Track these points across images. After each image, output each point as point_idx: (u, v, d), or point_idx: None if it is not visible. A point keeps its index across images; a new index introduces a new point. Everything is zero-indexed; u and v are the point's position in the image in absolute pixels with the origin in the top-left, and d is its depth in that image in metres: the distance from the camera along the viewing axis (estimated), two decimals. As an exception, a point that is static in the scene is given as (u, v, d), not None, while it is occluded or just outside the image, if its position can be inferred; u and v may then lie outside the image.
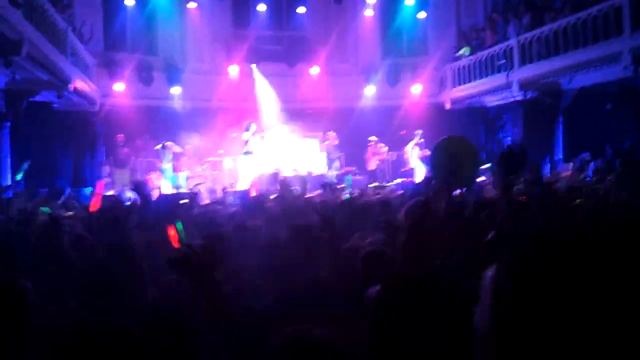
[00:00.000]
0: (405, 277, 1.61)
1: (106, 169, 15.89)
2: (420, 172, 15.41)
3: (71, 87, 12.25)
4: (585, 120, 14.62)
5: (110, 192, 14.20)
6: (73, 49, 12.80)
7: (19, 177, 11.53)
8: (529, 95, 14.91)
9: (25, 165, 11.61)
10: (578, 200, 4.87)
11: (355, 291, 2.61)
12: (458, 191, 3.56)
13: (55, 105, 13.97)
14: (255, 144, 15.16)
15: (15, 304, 2.34)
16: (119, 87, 15.89)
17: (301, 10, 17.81)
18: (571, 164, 13.79)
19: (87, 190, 13.83)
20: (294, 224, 3.83)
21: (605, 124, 14.41)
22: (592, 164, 12.66)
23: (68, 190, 13.24)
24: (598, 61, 12.10)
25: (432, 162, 4.15)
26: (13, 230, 5.05)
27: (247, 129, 15.04)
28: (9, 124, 12.05)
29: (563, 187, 6.82)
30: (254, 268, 3.52)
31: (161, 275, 3.20)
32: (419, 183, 10.83)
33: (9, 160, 12.08)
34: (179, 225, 3.39)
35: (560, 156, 14.79)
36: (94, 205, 5.32)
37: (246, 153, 15.02)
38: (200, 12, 17.24)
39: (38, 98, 12.68)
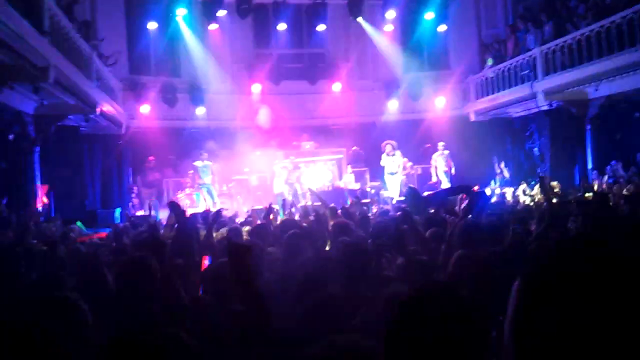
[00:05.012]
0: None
1: (134, 190, 16.13)
2: (444, 185, 15.24)
3: (98, 110, 12.47)
4: (614, 128, 14.34)
5: (140, 213, 14.43)
6: (99, 74, 13.05)
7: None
8: (554, 105, 14.67)
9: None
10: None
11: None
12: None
13: (83, 128, 14.24)
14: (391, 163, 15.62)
15: (71, 322, 2.39)
16: (144, 109, 16.13)
17: (321, 27, 17.91)
18: (606, 177, 13.52)
19: (116, 212, 14.06)
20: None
21: (635, 132, 14.11)
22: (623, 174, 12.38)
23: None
24: (624, 69, 11.86)
25: None
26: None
27: (388, 153, 15.52)
28: (38, 148, 12.31)
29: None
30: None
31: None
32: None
33: (39, 183, 12.33)
34: None
35: (590, 166, 14.47)
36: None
37: (391, 173, 15.48)
38: (221, 33, 17.44)
39: (66, 122, 12.95)
